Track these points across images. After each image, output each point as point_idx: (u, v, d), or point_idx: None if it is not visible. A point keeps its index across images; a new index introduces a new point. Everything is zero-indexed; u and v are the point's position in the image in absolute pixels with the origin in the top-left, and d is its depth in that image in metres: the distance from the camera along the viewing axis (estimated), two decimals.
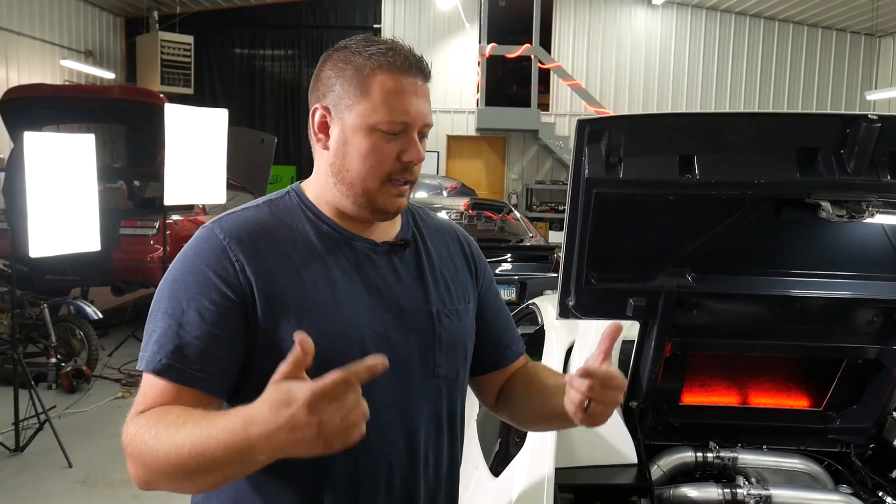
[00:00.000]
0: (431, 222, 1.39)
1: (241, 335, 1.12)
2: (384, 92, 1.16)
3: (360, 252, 1.22)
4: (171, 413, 1.05)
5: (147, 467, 1.03)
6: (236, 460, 0.96)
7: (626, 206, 1.79)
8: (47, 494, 3.97)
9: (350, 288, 1.19)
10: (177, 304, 1.11)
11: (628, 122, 1.72)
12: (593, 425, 1.17)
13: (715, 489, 2.02)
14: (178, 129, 6.10)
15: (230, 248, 1.14)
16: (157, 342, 1.10)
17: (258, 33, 14.70)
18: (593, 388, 1.11)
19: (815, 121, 1.73)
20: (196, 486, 1.04)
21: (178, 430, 0.99)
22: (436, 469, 1.27)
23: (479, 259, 1.42)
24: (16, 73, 10.84)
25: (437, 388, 1.26)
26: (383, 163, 1.17)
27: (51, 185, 4.43)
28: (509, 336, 1.45)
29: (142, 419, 1.06)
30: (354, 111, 1.17)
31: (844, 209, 1.71)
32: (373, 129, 1.16)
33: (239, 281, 1.12)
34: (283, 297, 1.14)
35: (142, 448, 1.02)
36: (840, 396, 2.23)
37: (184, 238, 7.04)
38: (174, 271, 1.16)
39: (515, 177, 14.56)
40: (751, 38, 14.13)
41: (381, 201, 1.19)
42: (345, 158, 1.19)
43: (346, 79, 1.18)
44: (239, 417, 0.95)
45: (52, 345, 5.67)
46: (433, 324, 1.25)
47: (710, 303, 2.01)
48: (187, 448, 0.97)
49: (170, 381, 1.09)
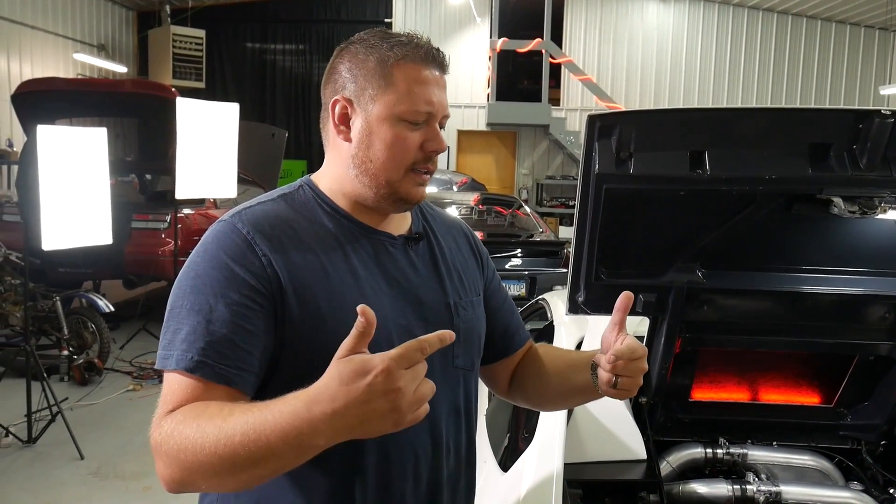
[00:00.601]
0: (439, 216, 1.41)
1: (270, 330, 1.11)
2: (409, 82, 1.17)
3: (379, 244, 1.23)
4: (211, 406, 1.01)
5: (185, 464, 0.97)
6: (293, 446, 0.92)
7: (636, 202, 1.79)
8: (59, 486, 4.01)
9: (372, 281, 1.19)
10: (203, 301, 1.08)
11: (639, 118, 1.71)
12: (624, 398, 1.23)
13: (725, 485, 2.01)
14: (189, 123, 6.11)
15: (255, 242, 1.13)
16: (185, 340, 1.07)
17: (269, 27, 14.72)
18: (617, 366, 1.16)
19: (827, 116, 1.72)
20: (241, 480, 0.98)
21: (224, 421, 0.95)
22: (456, 457, 1.29)
23: (482, 251, 1.45)
24: (29, 67, 10.90)
25: (456, 379, 1.28)
26: (407, 152, 1.18)
27: (63, 178, 4.46)
28: (515, 323, 1.47)
29: (177, 415, 1.02)
30: (379, 102, 1.17)
31: (857, 205, 1.70)
32: (398, 119, 1.17)
33: (267, 274, 1.11)
34: (312, 290, 1.13)
35: (182, 444, 0.97)
36: (851, 393, 2.22)
37: (195, 232, 7.08)
38: (196, 267, 1.12)
39: (526, 172, 14.53)
40: (763, 32, 14.03)
41: (405, 190, 1.20)
42: (369, 149, 1.19)
43: (368, 70, 1.18)
44: (300, 399, 0.92)
45: (64, 337, 5.71)
46: (451, 316, 1.26)
47: (720, 299, 2.00)
48: (238, 437, 0.93)
49: (202, 378, 1.05)
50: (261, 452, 0.93)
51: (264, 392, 1.12)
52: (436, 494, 1.25)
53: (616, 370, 1.16)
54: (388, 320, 1.17)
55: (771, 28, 14.01)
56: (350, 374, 0.89)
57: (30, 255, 4.84)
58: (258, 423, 0.93)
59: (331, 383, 0.90)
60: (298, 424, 0.91)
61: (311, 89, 14.44)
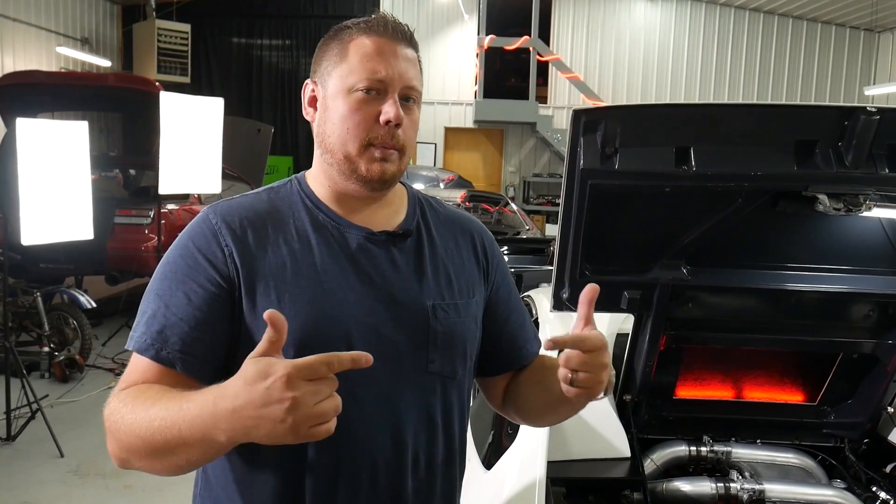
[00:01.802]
0: (443, 213, 1.34)
1: (227, 320, 1.12)
2: (360, 53, 1.16)
3: (356, 241, 1.20)
4: (151, 390, 1.05)
5: (121, 443, 1.03)
6: (199, 438, 0.95)
7: (621, 198, 1.77)
8: (39, 484, 3.96)
9: (340, 277, 1.16)
10: (166, 287, 1.13)
11: (624, 113, 1.70)
12: (589, 397, 1.10)
13: (708, 483, 2.01)
14: (173, 118, 6.06)
15: (220, 233, 1.15)
16: (145, 323, 1.12)
17: (256, 22, 14.63)
18: (570, 358, 1.06)
19: (813, 113, 1.71)
20: (164, 465, 1.02)
21: (152, 405, 1.00)
22: (428, 470, 1.22)
23: (492, 254, 1.36)
24: (11, 60, 10.77)
25: (431, 385, 1.21)
26: (361, 123, 1.15)
27: (43, 172, 4.41)
28: (524, 335, 1.38)
29: (122, 395, 1.07)
30: (334, 75, 1.18)
31: (842, 202, 1.69)
32: (350, 91, 1.15)
33: (227, 266, 1.13)
34: (268, 283, 1.13)
35: (118, 423, 1.03)
36: (835, 391, 2.22)
37: (179, 227, 6.98)
38: (169, 254, 1.17)
39: (513, 169, 14.54)
40: (750, 32, 14.09)
41: (364, 167, 1.16)
42: (325, 124, 1.19)
43: (329, 49, 1.21)
44: (210, 392, 0.95)
45: (45, 333, 5.65)
46: (428, 317, 1.20)
47: (705, 296, 2.00)
48: (157, 422, 0.97)
49: (152, 360, 1.09)
50: (174, 441, 0.96)
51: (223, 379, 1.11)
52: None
53: (570, 364, 1.06)
54: (349, 317, 1.14)
55: (757, 28, 14.08)
56: (253, 375, 0.90)
57: (9, 250, 4.77)
58: (174, 411, 0.97)
59: (237, 381, 0.92)
60: (204, 417, 0.94)
61: (297, 85, 14.33)
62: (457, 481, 1.31)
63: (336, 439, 0.94)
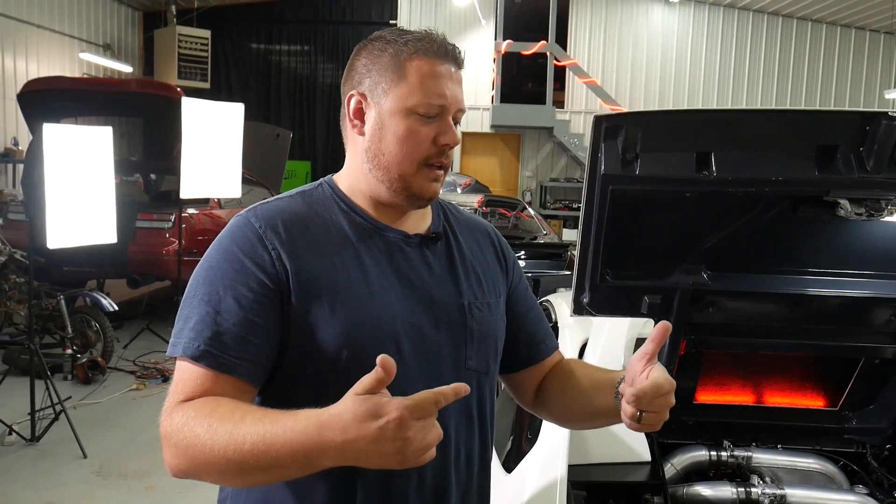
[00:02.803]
0: (462, 217, 1.39)
1: (277, 323, 1.13)
2: (421, 75, 1.18)
3: (393, 243, 1.23)
4: (223, 406, 1.04)
5: (193, 459, 1.02)
6: (300, 462, 0.97)
7: (641, 203, 1.78)
8: (62, 484, 4.01)
9: (383, 278, 1.19)
10: (213, 292, 1.12)
11: (645, 119, 1.72)
12: (651, 431, 1.16)
13: (729, 488, 2.01)
14: (194, 123, 6.12)
15: (266, 236, 1.15)
16: (193, 328, 1.10)
17: (274, 28, 14.75)
18: (642, 402, 1.09)
19: (834, 118, 1.72)
20: (246, 481, 1.04)
21: (235, 426, 0.99)
22: (467, 463, 1.26)
23: (509, 254, 1.42)
24: (35, 66, 10.93)
25: (468, 381, 1.22)
26: (420, 146, 1.18)
27: (69, 176, 4.46)
28: (542, 331, 1.43)
29: (188, 410, 1.05)
30: (392, 95, 1.18)
31: (863, 207, 1.69)
32: (410, 112, 1.17)
33: (275, 268, 1.13)
34: (317, 284, 1.15)
35: (191, 440, 1.01)
36: (856, 396, 2.21)
37: (199, 231, 7.09)
38: (210, 259, 1.16)
39: (530, 174, 14.53)
40: (768, 36, 14.02)
41: (417, 185, 1.20)
42: (381, 142, 1.20)
43: (382, 65, 1.20)
44: (311, 421, 0.95)
45: (68, 336, 5.72)
46: (465, 316, 1.25)
47: (725, 301, 2.00)
48: (248, 445, 0.97)
49: (208, 367, 1.08)
50: (268, 463, 0.97)
51: (270, 383, 1.16)
52: (443, 498, 1.23)
53: (641, 406, 1.10)
54: (396, 317, 1.17)
55: (776, 32, 14.00)
56: (364, 414, 0.91)
57: (34, 253, 4.85)
58: (268, 435, 0.97)
59: (344, 415, 0.93)
60: (308, 445, 0.95)
61: (315, 90, 14.45)
62: (489, 473, 1.35)
63: None
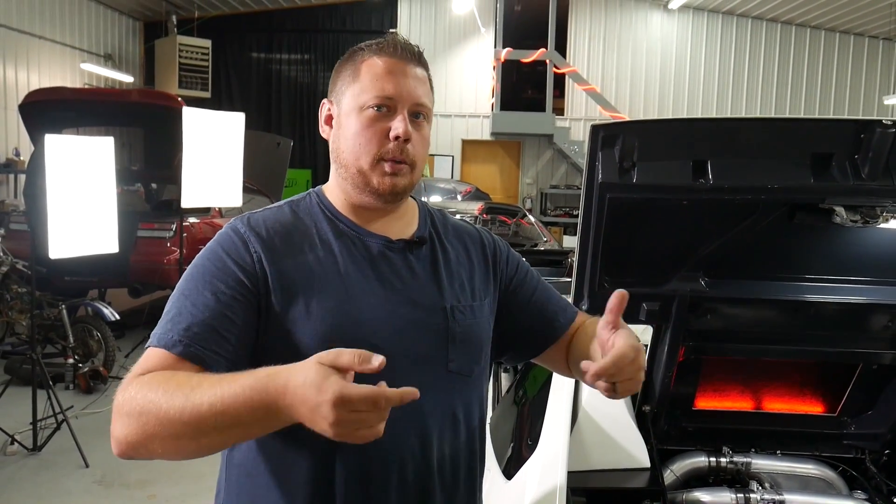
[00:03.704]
0: (450, 223, 1.42)
1: (251, 323, 1.16)
2: (372, 73, 1.23)
3: (376, 249, 1.26)
4: (179, 375, 1.06)
5: (146, 426, 1.03)
6: (261, 418, 0.98)
7: (639, 211, 1.80)
8: (64, 494, 4.01)
9: (363, 282, 1.22)
10: (193, 287, 1.17)
11: (642, 127, 1.73)
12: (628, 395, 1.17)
13: (728, 494, 2.01)
14: (195, 133, 6.14)
15: (249, 241, 1.20)
16: (170, 320, 1.14)
17: (275, 37, 14.81)
18: (610, 374, 1.10)
19: (829, 126, 1.73)
20: (199, 445, 1.03)
21: (192, 390, 1.00)
22: (452, 465, 1.28)
23: (499, 252, 1.42)
24: (37, 76, 10.97)
25: (451, 384, 1.27)
26: (371, 140, 1.22)
27: (70, 187, 4.48)
28: (552, 308, 1.44)
29: (144, 379, 1.07)
30: (347, 94, 1.25)
31: (859, 214, 1.71)
32: (362, 109, 1.22)
33: (255, 270, 1.18)
34: (296, 288, 1.18)
35: (145, 406, 1.02)
36: (855, 402, 2.22)
37: (200, 240, 7.10)
38: (197, 260, 1.21)
39: (530, 181, 14.56)
40: (767, 42, 14.06)
41: (375, 180, 1.23)
42: (339, 140, 1.26)
43: (343, 70, 1.28)
44: (269, 373, 0.97)
45: (69, 345, 5.73)
46: (447, 319, 1.27)
47: (723, 307, 2.01)
48: (206, 406, 0.98)
49: (178, 356, 1.10)
50: (228, 422, 0.98)
51: None
52: (426, 500, 1.24)
53: (611, 377, 1.11)
54: (374, 321, 1.20)
55: (775, 38, 14.04)
56: (312, 379, 0.93)
57: (36, 263, 4.86)
58: (227, 395, 0.98)
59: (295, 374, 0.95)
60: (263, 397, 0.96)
61: (316, 99, 14.48)
62: (478, 478, 1.36)
63: None
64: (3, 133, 10.37)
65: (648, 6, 14.18)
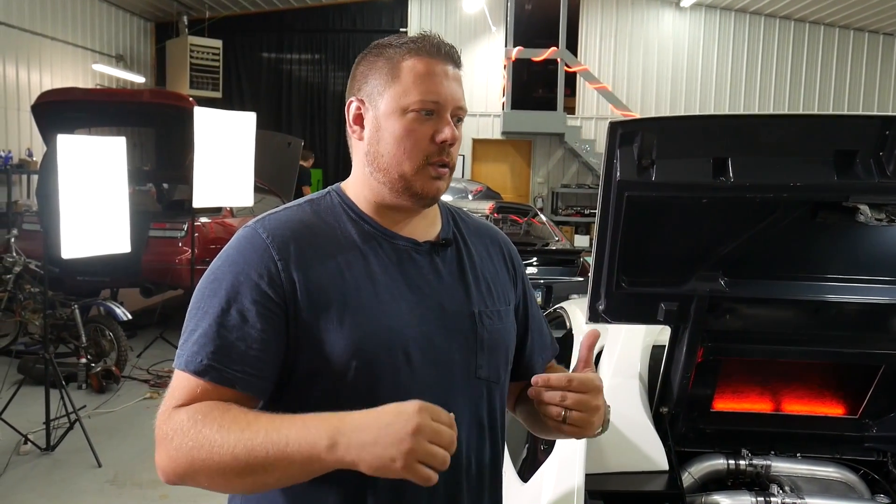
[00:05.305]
0: (471, 223, 1.38)
1: (281, 335, 1.12)
2: (414, 74, 1.18)
3: (402, 251, 1.22)
4: (233, 408, 1.06)
5: (195, 460, 1.02)
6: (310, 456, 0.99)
7: (658, 209, 1.77)
8: (77, 493, 4.02)
9: (392, 287, 1.18)
10: (217, 304, 1.11)
11: (661, 125, 1.70)
12: (581, 436, 1.19)
13: (748, 497, 1.98)
14: (206, 133, 6.15)
15: (272, 247, 1.14)
16: (196, 342, 1.10)
17: (285, 37, 14.82)
18: (564, 396, 1.14)
19: (853, 122, 1.70)
20: (244, 483, 1.03)
21: (248, 424, 1.01)
22: (478, 472, 1.26)
23: (517, 263, 1.41)
24: (49, 77, 11.02)
25: (479, 390, 1.25)
26: (417, 144, 1.18)
27: (83, 187, 4.49)
28: (539, 343, 1.42)
29: (194, 413, 1.05)
30: (387, 96, 1.19)
31: (883, 213, 1.67)
32: (405, 111, 1.17)
33: (281, 280, 1.13)
34: (326, 295, 1.14)
35: (198, 440, 1.02)
36: (877, 404, 2.18)
37: (212, 240, 7.12)
38: (216, 270, 1.16)
39: (541, 180, 14.51)
40: (781, 40, 13.96)
41: (419, 185, 1.19)
42: (379, 144, 1.20)
43: (377, 68, 1.21)
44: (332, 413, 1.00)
45: (82, 345, 5.75)
46: (475, 325, 1.24)
47: (743, 308, 1.98)
48: (260, 439, 0.99)
49: (209, 381, 1.09)
50: (281, 462, 0.99)
51: (283, 392, 1.15)
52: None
53: (565, 403, 1.14)
54: (406, 327, 1.17)
55: (788, 36, 13.94)
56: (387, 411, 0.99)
57: (49, 263, 4.87)
58: (284, 426, 1.00)
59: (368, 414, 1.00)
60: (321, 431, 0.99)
61: (326, 99, 14.49)
62: (501, 483, 1.34)
63: None
64: (16, 134, 10.42)
65: (660, 4, 14.10)
